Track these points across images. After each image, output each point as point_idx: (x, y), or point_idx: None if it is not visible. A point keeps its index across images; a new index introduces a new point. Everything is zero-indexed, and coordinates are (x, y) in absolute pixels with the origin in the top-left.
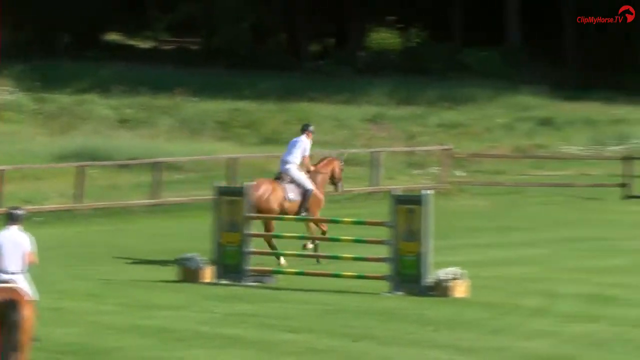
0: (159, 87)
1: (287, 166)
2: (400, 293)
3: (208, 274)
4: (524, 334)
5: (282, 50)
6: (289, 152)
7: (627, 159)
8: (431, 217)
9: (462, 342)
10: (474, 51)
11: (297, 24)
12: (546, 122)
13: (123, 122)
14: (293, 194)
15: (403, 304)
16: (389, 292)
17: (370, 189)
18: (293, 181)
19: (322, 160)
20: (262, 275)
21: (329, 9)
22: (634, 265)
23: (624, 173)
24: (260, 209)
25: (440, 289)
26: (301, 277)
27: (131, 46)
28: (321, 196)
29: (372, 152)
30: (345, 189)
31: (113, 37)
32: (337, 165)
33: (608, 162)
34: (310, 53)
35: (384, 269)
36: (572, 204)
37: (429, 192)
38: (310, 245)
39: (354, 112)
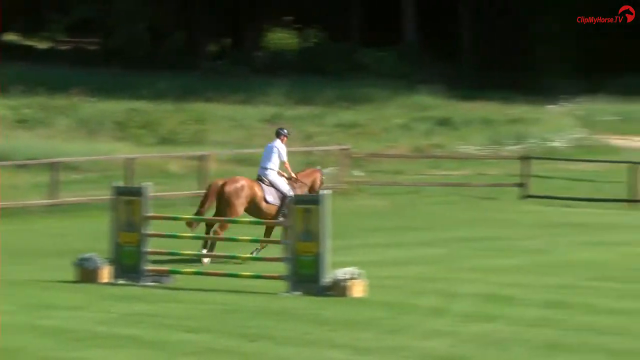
0: (57, 87)
1: (266, 172)
2: (297, 293)
3: (106, 274)
4: (422, 333)
5: (180, 50)
6: (267, 159)
7: (525, 158)
8: (329, 217)
9: (360, 342)
10: (371, 51)
11: (195, 24)
12: (444, 122)
13: (21, 122)
14: (272, 197)
15: (301, 303)
16: (287, 292)
17: None
18: (272, 185)
19: (305, 169)
20: (160, 275)
21: (226, 9)
22: (531, 265)
23: (521, 173)
24: (224, 200)
25: (337, 289)
26: (199, 277)
27: (29, 46)
28: None
29: None
30: None
31: (11, 37)
32: (318, 178)
33: (505, 161)
34: (208, 53)
35: (282, 269)
36: (469, 203)
37: (326, 192)
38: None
39: (252, 112)
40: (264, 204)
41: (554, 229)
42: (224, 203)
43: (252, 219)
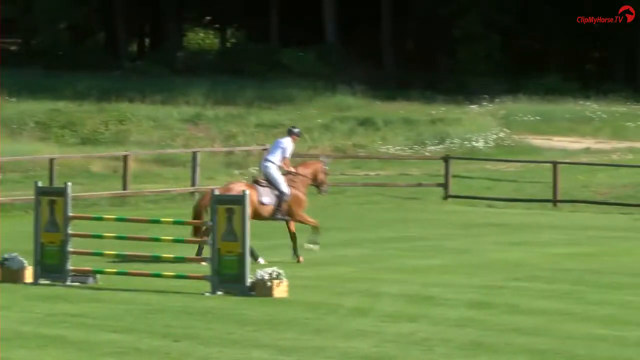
0: None
1: (267, 164)
2: (220, 293)
3: (29, 274)
4: (345, 333)
5: (101, 51)
6: (271, 153)
7: (446, 158)
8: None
9: (284, 342)
10: (291, 51)
11: (116, 24)
12: (365, 122)
13: None
14: (267, 198)
15: (224, 303)
16: (210, 292)
17: (190, 189)
18: (270, 183)
19: (305, 162)
20: (83, 275)
21: (147, 9)
22: (454, 265)
23: (441, 173)
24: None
25: (260, 289)
26: (123, 277)
27: None
28: (303, 196)
29: (191, 152)
30: (165, 189)
31: None
32: (319, 169)
33: (427, 162)
34: (129, 53)
35: (205, 269)
36: (392, 203)
37: (248, 191)
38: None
39: (172, 112)
40: (260, 207)
41: (476, 229)
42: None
43: (175, 219)
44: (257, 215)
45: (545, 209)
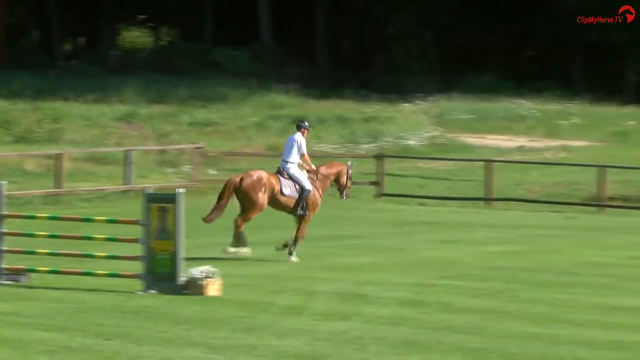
0: None
1: (287, 165)
2: (153, 291)
3: None
4: (278, 332)
5: (36, 50)
6: (287, 152)
7: (380, 157)
8: (184, 216)
9: (216, 340)
10: (225, 50)
11: (50, 23)
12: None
13: None
14: (289, 190)
15: (157, 302)
16: (143, 291)
17: (123, 187)
18: (292, 179)
19: (330, 162)
20: (16, 273)
21: (82, 8)
22: (387, 263)
23: (376, 171)
24: (244, 195)
25: (193, 288)
26: (55, 275)
27: None
28: (319, 197)
29: (124, 151)
30: (99, 188)
31: None
32: (342, 171)
33: (360, 160)
34: (63, 52)
35: (138, 267)
36: (326, 202)
37: (181, 190)
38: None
39: (106, 111)
40: (281, 197)
41: (409, 227)
42: (244, 198)
43: (107, 217)
44: (277, 205)
45: (478, 207)
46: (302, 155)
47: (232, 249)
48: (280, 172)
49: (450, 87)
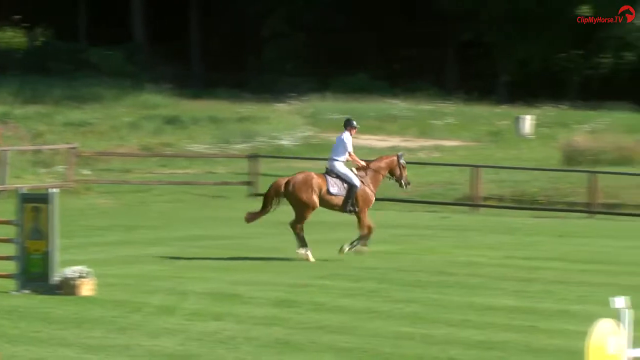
0: None
1: (333, 163)
2: (27, 291)
3: None
4: (151, 331)
5: None
6: (335, 151)
7: (253, 157)
8: (57, 216)
9: (90, 340)
10: (99, 50)
11: None
12: (172, 121)
13: None
14: (336, 189)
15: (30, 302)
16: (16, 291)
17: None
18: (339, 177)
19: (380, 156)
20: None
21: None
22: (260, 264)
23: (249, 171)
24: (293, 196)
25: (67, 288)
26: None
27: None
28: (371, 193)
29: None
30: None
31: None
32: (394, 163)
33: (234, 160)
34: None
35: (12, 267)
36: (199, 202)
37: (55, 190)
38: (346, 248)
39: None
40: (327, 196)
41: (282, 228)
42: (295, 200)
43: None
44: (326, 205)
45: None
46: (347, 154)
47: (301, 251)
48: (328, 171)
49: (324, 87)
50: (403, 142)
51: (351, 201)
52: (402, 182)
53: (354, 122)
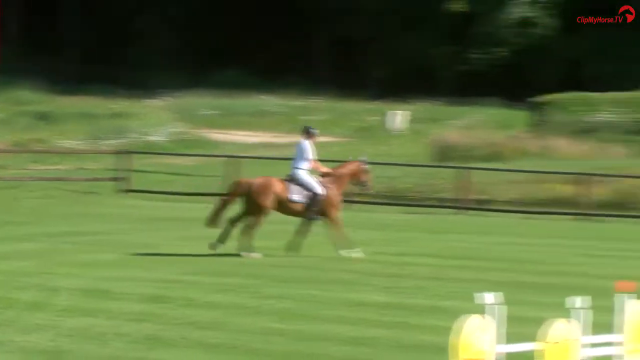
0: None
1: (295, 171)
2: None
3: None
4: (22, 328)
5: None
6: (296, 159)
7: (124, 153)
8: None
9: None
10: None
11: None
12: (44, 117)
13: None
14: (298, 196)
15: None
16: None
17: None
18: (302, 184)
19: (344, 163)
20: None
21: None
22: (131, 259)
23: (119, 167)
24: (251, 198)
25: None
26: None
27: None
28: (336, 195)
29: None
30: None
31: None
32: (357, 168)
33: (105, 156)
34: None
35: None
36: (70, 198)
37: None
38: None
39: None
40: (288, 203)
41: (153, 224)
42: (250, 201)
43: None
44: (288, 211)
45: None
46: (309, 161)
47: (212, 243)
48: (290, 178)
49: (197, 84)
50: (273, 138)
51: (315, 209)
52: (365, 187)
53: (313, 130)
